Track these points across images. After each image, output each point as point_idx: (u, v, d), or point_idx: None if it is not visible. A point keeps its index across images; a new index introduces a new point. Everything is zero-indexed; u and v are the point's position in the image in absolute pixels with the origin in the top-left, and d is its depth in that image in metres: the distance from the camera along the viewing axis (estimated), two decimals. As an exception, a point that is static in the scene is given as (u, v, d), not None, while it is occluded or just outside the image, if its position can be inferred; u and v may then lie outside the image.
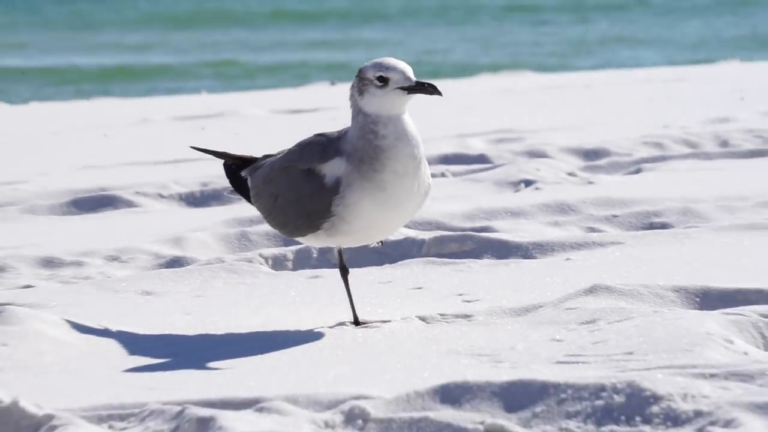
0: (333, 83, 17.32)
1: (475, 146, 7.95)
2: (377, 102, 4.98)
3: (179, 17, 54.37)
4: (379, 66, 4.98)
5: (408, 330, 5.12)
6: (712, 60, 20.28)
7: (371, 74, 5.00)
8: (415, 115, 5.18)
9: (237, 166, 5.66)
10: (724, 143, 8.41)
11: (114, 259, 6.28)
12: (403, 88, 5.04)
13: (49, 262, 6.18)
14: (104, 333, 5.17)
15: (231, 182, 5.74)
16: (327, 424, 3.84)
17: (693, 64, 17.91)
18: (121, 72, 37.19)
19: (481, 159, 7.83)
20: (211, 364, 4.76)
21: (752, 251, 5.83)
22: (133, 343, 5.08)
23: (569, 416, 3.82)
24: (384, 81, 4.98)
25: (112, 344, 5.07)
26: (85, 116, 13.92)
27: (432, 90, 5.01)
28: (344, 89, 4.96)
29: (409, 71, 5.04)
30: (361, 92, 5.08)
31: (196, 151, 6.16)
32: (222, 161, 5.62)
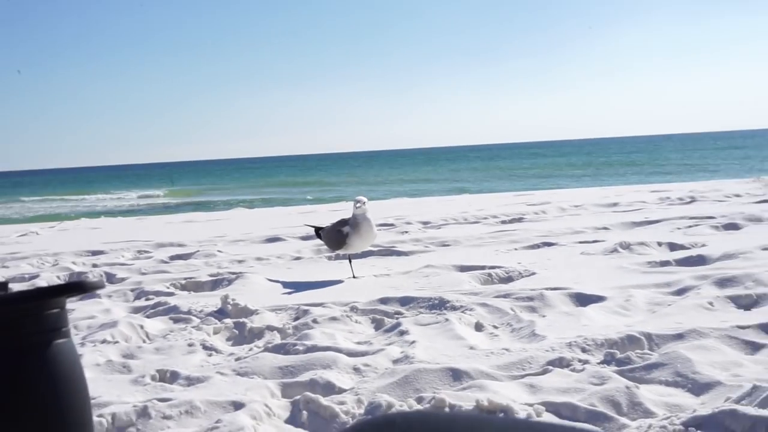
0: (347, 201, 17.38)
1: (389, 222, 7.90)
2: (357, 210, 4.98)
3: (282, 183, 49.88)
4: (357, 199, 5.00)
5: (370, 280, 4.88)
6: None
7: (354, 202, 4.98)
8: (372, 212, 5.12)
9: (317, 228, 5.50)
10: (456, 220, 8.37)
11: (278, 257, 6.04)
12: (360, 205, 5.04)
13: (258, 258, 5.90)
14: (275, 281, 4.90)
15: (316, 233, 5.56)
16: (344, 312, 3.69)
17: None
18: (270, 200, 30.65)
19: (392, 225, 7.74)
20: (306, 291, 4.50)
21: (476, 254, 5.63)
22: (283, 284, 4.82)
23: (420, 308, 3.69)
24: (359, 203, 5.01)
25: (277, 285, 4.80)
26: (264, 214, 13.60)
27: (363, 203, 5.10)
28: (350, 204, 4.95)
29: (365, 200, 5.09)
30: (354, 207, 5.06)
31: (306, 225, 6.28)
32: (312, 227, 5.63)
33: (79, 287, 1.13)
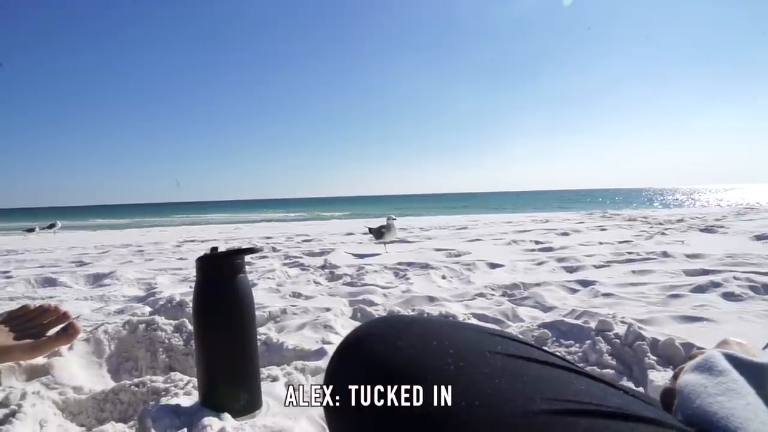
0: (386, 218, 14.47)
1: (403, 227, 7.53)
2: (389, 221, 4.75)
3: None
4: (389, 216, 4.80)
5: (393, 254, 4.64)
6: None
7: (388, 216, 4.72)
8: (397, 222, 4.88)
9: (370, 228, 5.16)
10: (438, 227, 7.92)
11: (351, 242, 5.68)
12: (392, 219, 4.79)
13: (342, 242, 5.39)
14: (349, 253, 4.70)
15: (369, 231, 5.17)
16: (381, 268, 3.59)
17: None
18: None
19: (404, 229, 7.34)
20: (363, 258, 4.28)
21: (444, 243, 5.12)
22: (353, 254, 4.60)
23: (416, 267, 3.52)
24: (390, 218, 4.79)
25: (350, 255, 4.61)
26: (350, 222, 12.70)
27: (395, 219, 4.82)
28: (384, 218, 4.60)
29: (395, 216, 4.86)
30: (387, 219, 4.83)
31: (366, 227, 6.02)
32: (368, 228, 5.39)
33: (252, 250, 1.20)
